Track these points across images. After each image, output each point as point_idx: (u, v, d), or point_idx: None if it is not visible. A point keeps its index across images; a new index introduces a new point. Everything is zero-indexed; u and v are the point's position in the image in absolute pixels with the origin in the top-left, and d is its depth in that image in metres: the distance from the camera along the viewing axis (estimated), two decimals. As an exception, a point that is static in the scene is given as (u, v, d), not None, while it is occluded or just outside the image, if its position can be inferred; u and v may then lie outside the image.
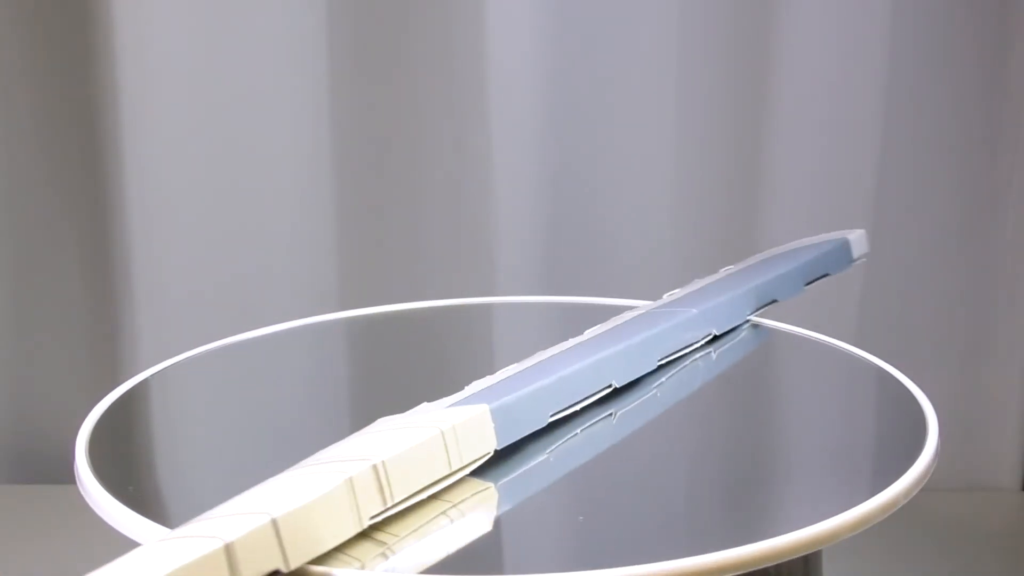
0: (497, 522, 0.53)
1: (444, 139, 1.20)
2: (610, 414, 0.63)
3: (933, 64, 1.18)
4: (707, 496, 0.58)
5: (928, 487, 0.57)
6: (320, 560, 0.47)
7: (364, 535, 0.49)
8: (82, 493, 0.57)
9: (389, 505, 0.50)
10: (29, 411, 1.26)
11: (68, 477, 0.60)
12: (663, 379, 0.68)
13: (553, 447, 0.59)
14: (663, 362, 0.68)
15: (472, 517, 0.53)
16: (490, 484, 0.56)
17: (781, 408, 0.69)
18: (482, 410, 0.56)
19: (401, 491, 0.51)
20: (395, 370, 0.77)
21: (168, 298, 1.21)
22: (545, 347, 0.68)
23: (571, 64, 1.18)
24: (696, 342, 0.72)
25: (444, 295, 0.92)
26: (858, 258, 0.83)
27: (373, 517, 0.49)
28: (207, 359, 0.77)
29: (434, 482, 0.53)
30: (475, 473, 0.55)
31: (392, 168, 1.21)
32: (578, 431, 0.61)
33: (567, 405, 0.61)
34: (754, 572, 0.48)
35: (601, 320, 0.73)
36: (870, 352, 0.75)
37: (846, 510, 0.51)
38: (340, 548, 0.48)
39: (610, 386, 0.64)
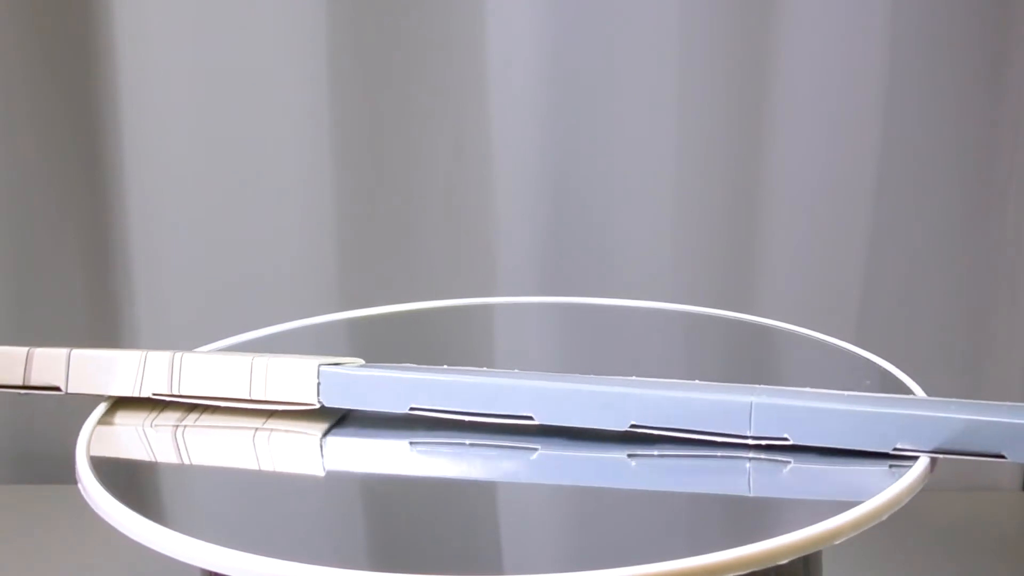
0: (279, 457, 0.60)
1: (444, 139, 1.19)
2: (535, 449, 0.60)
3: (933, 64, 1.18)
4: (707, 496, 0.58)
5: (928, 487, 0.57)
6: (112, 406, 0.66)
7: (182, 408, 0.64)
8: (82, 493, 0.57)
9: (176, 393, 0.63)
10: (29, 411, 1.26)
11: (68, 477, 0.60)
12: (656, 452, 0.59)
13: (428, 441, 0.61)
14: (650, 430, 0.59)
15: (271, 443, 0.60)
16: (317, 434, 0.61)
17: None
18: (311, 364, 0.62)
19: (191, 387, 0.63)
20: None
21: (168, 298, 1.21)
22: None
23: (571, 64, 1.18)
24: (745, 437, 0.58)
25: (444, 295, 0.92)
26: None
27: (157, 393, 0.64)
28: (207, 359, 0.77)
29: (238, 399, 0.63)
30: (343, 429, 0.62)
31: (392, 168, 1.21)
32: (466, 442, 0.61)
33: (445, 409, 0.61)
34: (754, 572, 0.48)
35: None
36: (870, 351, 0.75)
37: (846, 510, 0.51)
38: (149, 407, 0.65)
39: (529, 418, 0.60)
